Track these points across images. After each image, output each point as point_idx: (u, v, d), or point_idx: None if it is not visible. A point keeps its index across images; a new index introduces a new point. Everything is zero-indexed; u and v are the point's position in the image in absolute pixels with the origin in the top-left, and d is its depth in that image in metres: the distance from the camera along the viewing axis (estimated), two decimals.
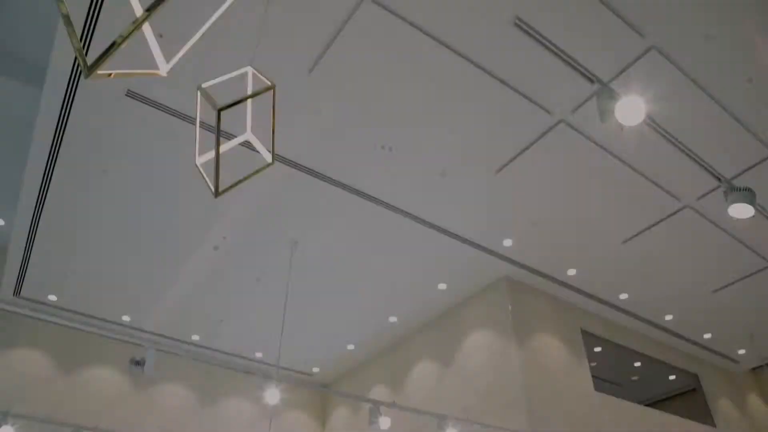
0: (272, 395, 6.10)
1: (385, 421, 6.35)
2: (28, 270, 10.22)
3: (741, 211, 4.13)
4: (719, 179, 4.34)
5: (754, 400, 14.42)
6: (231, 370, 13.84)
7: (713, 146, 7.29)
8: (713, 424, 12.66)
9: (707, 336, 12.74)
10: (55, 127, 7.15)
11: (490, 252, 9.69)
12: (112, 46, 1.81)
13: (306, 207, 8.61)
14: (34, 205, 8.57)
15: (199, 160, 2.97)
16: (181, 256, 9.81)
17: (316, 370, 14.34)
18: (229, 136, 6.33)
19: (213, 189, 2.84)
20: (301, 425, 14.49)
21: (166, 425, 12.29)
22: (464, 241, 9.40)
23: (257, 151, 3.04)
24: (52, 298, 11.16)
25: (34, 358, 11.37)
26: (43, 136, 7.27)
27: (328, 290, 10.79)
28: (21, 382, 10.95)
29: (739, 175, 7.80)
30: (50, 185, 8.16)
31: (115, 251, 9.74)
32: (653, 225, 9.09)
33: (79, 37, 5.06)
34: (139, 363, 5.18)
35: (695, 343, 13.03)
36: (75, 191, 8.33)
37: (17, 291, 10.90)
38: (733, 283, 10.67)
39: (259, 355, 13.42)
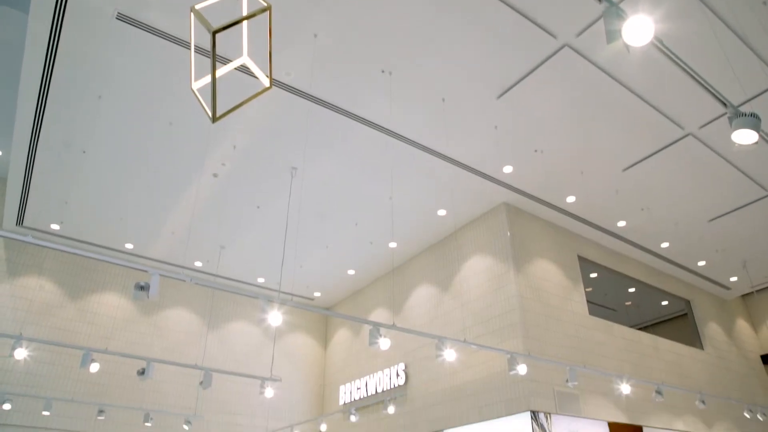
0: (275, 317, 6.26)
1: (384, 342, 6.55)
2: (28, 200, 10.26)
3: (745, 136, 4.07)
4: (725, 104, 4.25)
5: (741, 325, 14.88)
6: (235, 295, 14.20)
7: (722, 71, 7.12)
8: (701, 347, 13.12)
9: (701, 263, 12.97)
10: (45, 52, 6.95)
11: (490, 178, 9.69)
12: None
13: (305, 133, 8.52)
14: (30, 134, 8.49)
15: (195, 85, 2.90)
16: (180, 184, 9.82)
17: (317, 294, 14.68)
18: (225, 61, 6.19)
19: (210, 114, 2.79)
20: (304, 347, 15.02)
21: (173, 348, 12.73)
22: (464, 167, 9.38)
23: (254, 76, 2.97)
24: (55, 227, 11.25)
25: (42, 286, 11.63)
26: (32, 61, 7.09)
27: (328, 216, 10.87)
28: (31, 308, 11.25)
29: (747, 102, 7.68)
30: (44, 113, 8.04)
31: (114, 179, 9.73)
32: (654, 153, 9.04)
33: None
34: (143, 288, 5.27)
35: (689, 270, 13.28)
36: (70, 119, 8.21)
37: (19, 221, 10.98)
38: (730, 212, 10.75)
39: (261, 280, 13.70)
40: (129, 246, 12.07)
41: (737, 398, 12.42)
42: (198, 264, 12.77)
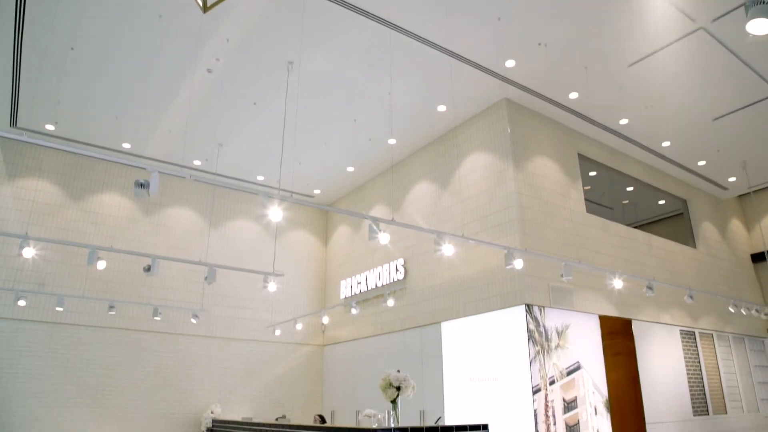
0: (275, 213, 6.33)
1: (384, 237, 6.67)
2: (19, 100, 10.03)
3: (761, 26, 3.90)
4: None
5: (735, 225, 15.13)
6: (235, 193, 14.31)
7: None
8: (694, 246, 13.42)
9: (701, 163, 12.94)
10: None
11: (492, 73, 9.42)
12: None
13: (300, 25, 8.16)
14: (13, 32, 8.13)
15: None
16: (174, 81, 9.56)
17: (317, 191, 14.77)
18: None
19: (201, 4, 2.65)
20: (305, 243, 15.35)
21: (176, 246, 13.00)
22: (465, 61, 9.08)
23: None
24: (50, 127, 11.09)
25: (43, 187, 11.66)
26: None
27: (326, 112, 10.69)
28: (34, 209, 11.36)
29: None
30: (25, 8, 7.65)
31: (106, 77, 9.45)
32: (663, 48, 8.72)
33: None
34: (143, 185, 5.28)
35: (688, 170, 13.29)
36: (53, 13, 7.82)
37: (13, 122, 10.81)
38: (736, 110, 10.55)
39: (260, 178, 13.74)
40: (126, 146, 11.97)
41: (724, 294, 12.88)
42: (197, 162, 12.74)
